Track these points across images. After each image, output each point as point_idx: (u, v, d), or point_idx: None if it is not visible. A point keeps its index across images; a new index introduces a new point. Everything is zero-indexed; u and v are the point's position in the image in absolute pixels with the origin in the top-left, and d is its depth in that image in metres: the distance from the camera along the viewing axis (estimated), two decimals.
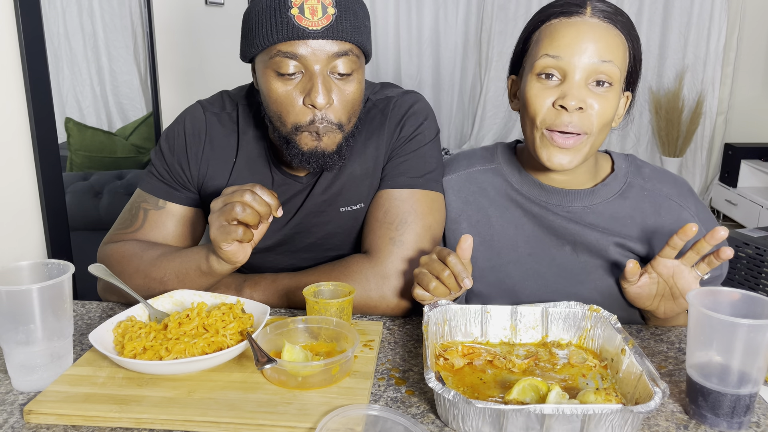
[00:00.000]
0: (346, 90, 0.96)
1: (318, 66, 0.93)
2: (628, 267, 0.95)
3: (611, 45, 0.95)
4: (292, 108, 0.96)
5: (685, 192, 1.09)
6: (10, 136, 1.40)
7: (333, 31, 0.92)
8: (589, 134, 0.97)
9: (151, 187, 1.12)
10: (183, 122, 1.11)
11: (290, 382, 0.80)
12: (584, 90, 0.95)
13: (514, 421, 0.69)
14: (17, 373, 0.81)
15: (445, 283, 0.91)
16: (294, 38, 0.91)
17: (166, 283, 1.02)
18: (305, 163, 0.99)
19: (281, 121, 0.98)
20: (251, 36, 0.96)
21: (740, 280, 2.57)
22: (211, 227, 0.92)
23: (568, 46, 0.95)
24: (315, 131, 0.96)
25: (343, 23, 0.93)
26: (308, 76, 0.94)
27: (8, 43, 1.38)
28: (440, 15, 4.83)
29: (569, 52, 0.95)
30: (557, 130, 0.96)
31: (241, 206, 0.88)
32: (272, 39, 0.93)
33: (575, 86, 0.95)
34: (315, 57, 0.93)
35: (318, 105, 0.93)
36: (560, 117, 0.95)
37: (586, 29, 0.95)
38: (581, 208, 1.07)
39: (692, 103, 4.45)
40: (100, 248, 1.12)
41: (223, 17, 2.87)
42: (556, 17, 0.98)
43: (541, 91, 0.97)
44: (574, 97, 0.94)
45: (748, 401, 0.74)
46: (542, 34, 0.99)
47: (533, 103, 0.98)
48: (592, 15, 0.96)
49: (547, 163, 0.99)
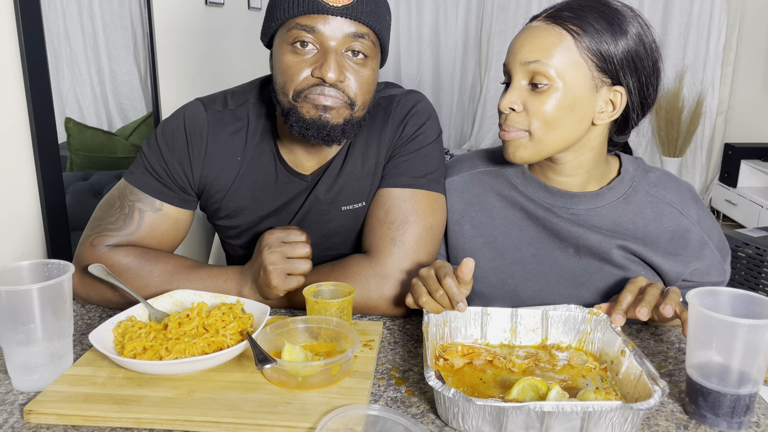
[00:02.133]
0: (361, 72, 0.98)
1: (333, 43, 0.95)
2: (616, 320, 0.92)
3: (541, 44, 0.96)
4: (297, 76, 0.96)
5: (687, 199, 1.08)
6: (10, 137, 1.40)
7: (352, 11, 0.94)
8: (527, 131, 0.99)
9: (146, 185, 1.07)
10: (182, 120, 1.08)
11: (290, 382, 0.80)
12: (520, 91, 0.98)
13: (514, 419, 0.69)
14: (17, 373, 0.81)
15: (437, 302, 0.91)
16: (313, 12, 0.93)
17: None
18: (305, 131, 0.98)
19: (284, 91, 0.98)
20: (273, 12, 0.98)
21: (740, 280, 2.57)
22: (271, 275, 0.97)
23: (512, 52, 1.00)
24: (317, 102, 0.96)
25: (363, 6, 0.95)
26: (322, 52, 0.95)
27: (8, 43, 1.38)
28: (440, 15, 4.83)
29: (510, 57, 1.00)
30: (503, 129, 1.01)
31: (305, 263, 0.98)
32: (292, 12, 0.94)
33: (514, 88, 0.98)
34: (332, 34, 0.94)
35: (328, 79, 0.94)
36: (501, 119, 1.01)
37: (525, 33, 0.99)
38: (585, 210, 1.07)
39: (692, 103, 4.45)
40: (89, 247, 1.05)
41: (223, 17, 2.87)
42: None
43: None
44: (504, 99, 0.99)
45: (748, 401, 0.74)
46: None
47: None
48: (544, 19, 0.99)
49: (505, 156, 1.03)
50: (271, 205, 1.13)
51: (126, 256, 1.04)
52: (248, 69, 3.12)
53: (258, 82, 1.13)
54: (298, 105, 0.98)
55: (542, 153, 1.00)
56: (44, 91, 1.47)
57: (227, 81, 2.79)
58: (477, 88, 4.96)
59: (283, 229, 1.01)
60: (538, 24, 0.98)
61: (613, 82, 0.97)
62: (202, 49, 2.66)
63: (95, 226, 1.07)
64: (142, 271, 1.03)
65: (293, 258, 0.98)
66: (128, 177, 1.09)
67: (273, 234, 1.00)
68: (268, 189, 1.11)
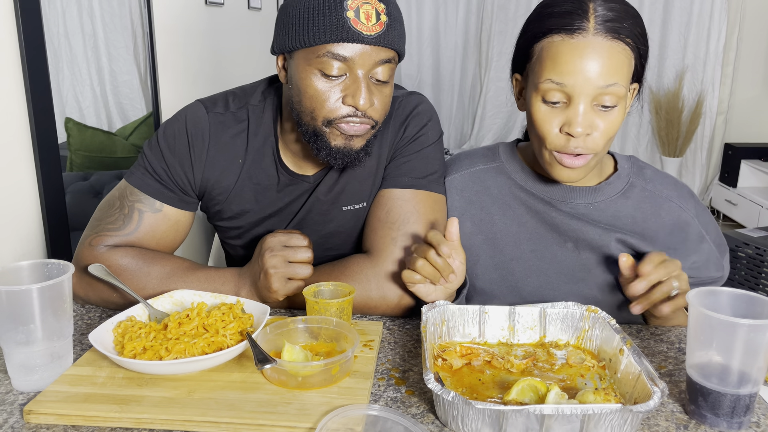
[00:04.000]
0: (384, 92, 0.98)
1: (363, 70, 0.94)
2: (621, 260, 0.96)
3: (616, 65, 0.92)
4: (327, 103, 0.96)
5: (685, 194, 1.09)
6: (10, 137, 1.40)
7: (384, 39, 0.93)
8: (597, 153, 0.97)
9: (146, 186, 1.07)
10: (184, 121, 1.08)
11: (290, 382, 0.80)
12: (590, 114, 0.93)
13: (514, 421, 0.69)
14: (17, 373, 0.81)
15: (430, 262, 0.93)
16: (348, 41, 0.92)
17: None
18: (332, 158, 1.00)
19: (312, 116, 0.97)
20: (295, 30, 0.94)
21: (740, 280, 2.57)
22: (271, 279, 0.97)
23: (571, 73, 0.92)
24: (348, 132, 0.97)
25: (392, 32, 0.94)
26: (352, 79, 0.95)
27: (8, 43, 1.38)
28: (440, 15, 4.84)
29: (573, 79, 0.92)
30: (565, 153, 0.97)
31: (306, 268, 0.98)
32: (324, 38, 0.92)
33: (580, 113, 0.93)
34: (363, 61, 0.93)
35: (361, 107, 0.94)
36: (567, 143, 0.95)
37: (589, 52, 0.91)
38: (584, 205, 1.07)
39: (692, 103, 4.45)
40: (88, 247, 1.05)
41: (223, 17, 2.87)
42: (557, 33, 0.94)
43: (547, 115, 0.96)
44: (579, 124, 0.93)
45: (748, 401, 0.74)
46: (543, 51, 0.95)
47: (540, 127, 0.97)
48: (595, 31, 0.92)
49: (556, 177, 1.01)
50: (273, 206, 1.13)
51: (124, 256, 1.04)
52: (248, 69, 3.12)
53: (259, 84, 1.13)
54: (327, 132, 0.98)
55: (595, 166, 1.01)
56: (44, 91, 1.47)
57: (227, 81, 2.79)
58: (477, 88, 4.96)
59: (285, 232, 1.01)
60: (603, 40, 0.92)
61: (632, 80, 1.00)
62: (202, 49, 2.66)
63: (94, 227, 1.07)
64: (139, 272, 1.03)
65: (294, 262, 0.98)
66: (129, 178, 1.09)
67: (275, 237, 1.00)
68: (270, 191, 1.11)
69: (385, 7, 0.93)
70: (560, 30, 0.94)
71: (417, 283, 0.96)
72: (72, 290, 0.86)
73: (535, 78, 0.97)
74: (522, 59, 1.03)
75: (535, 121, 0.98)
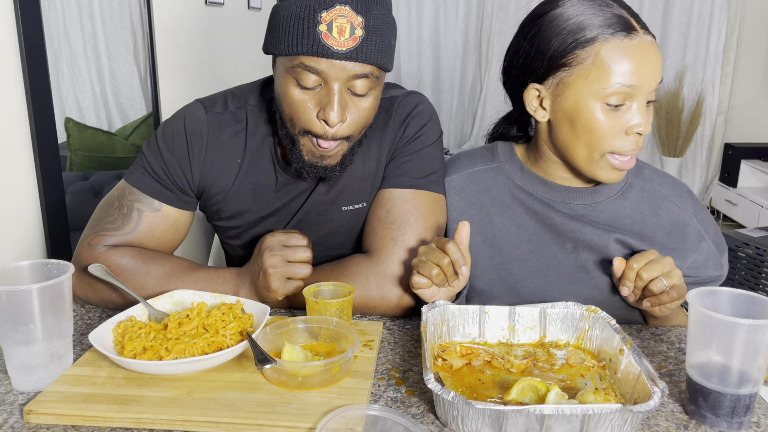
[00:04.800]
0: (361, 106, 0.97)
1: (337, 84, 0.93)
2: (615, 264, 0.98)
3: (661, 62, 0.95)
4: (304, 115, 0.96)
5: (683, 194, 1.09)
6: (10, 137, 1.40)
7: (357, 54, 0.92)
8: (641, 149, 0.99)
9: (145, 185, 1.07)
10: (183, 121, 1.08)
11: (290, 382, 0.80)
12: (645, 111, 0.96)
13: (514, 422, 0.69)
14: (17, 373, 0.81)
15: (444, 271, 0.92)
16: (317, 55, 0.91)
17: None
18: (304, 170, 1.01)
19: (291, 123, 0.98)
20: (276, 36, 0.94)
21: (740, 280, 2.57)
22: (271, 279, 0.97)
23: (642, 73, 0.93)
24: (318, 151, 0.98)
25: (368, 46, 0.92)
26: (326, 90, 0.94)
27: (8, 43, 1.38)
28: (440, 15, 4.83)
29: (642, 80, 0.93)
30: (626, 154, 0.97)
31: (305, 267, 0.99)
32: (296, 49, 0.92)
33: (643, 111, 0.95)
34: (335, 75, 0.93)
35: (331, 122, 0.94)
36: (632, 143, 0.96)
37: (650, 51, 0.94)
38: (583, 206, 1.07)
39: (692, 103, 4.45)
40: (87, 247, 1.05)
41: (223, 17, 2.87)
42: (612, 35, 0.93)
43: (613, 120, 0.95)
44: (645, 123, 0.95)
45: (748, 401, 0.74)
46: (603, 56, 0.93)
47: (605, 132, 0.96)
48: (644, 31, 0.95)
49: (605, 180, 1.01)
50: (271, 206, 1.13)
51: (123, 256, 1.04)
52: (248, 69, 3.12)
53: (258, 84, 1.13)
54: (302, 143, 0.99)
55: None
56: (44, 91, 1.47)
57: (227, 81, 2.79)
58: (477, 88, 4.96)
59: (285, 232, 1.01)
60: (649, 39, 0.95)
61: None
62: (202, 49, 2.66)
63: (94, 226, 1.07)
64: (138, 272, 1.03)
65: (294, 262, 0.98)
66: (128, 178, 1.09)
67: (274, 237, 1.00)
68: (268, 191, 1.11)
69: (362, 21, 0.91)
70: (615, 32, 0.94)
71: (425, 288, 0.95)
72: (72, 290, 0.86)
73: (593, 84, 0.94)
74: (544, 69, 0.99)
75: (596, 128, 0.96)
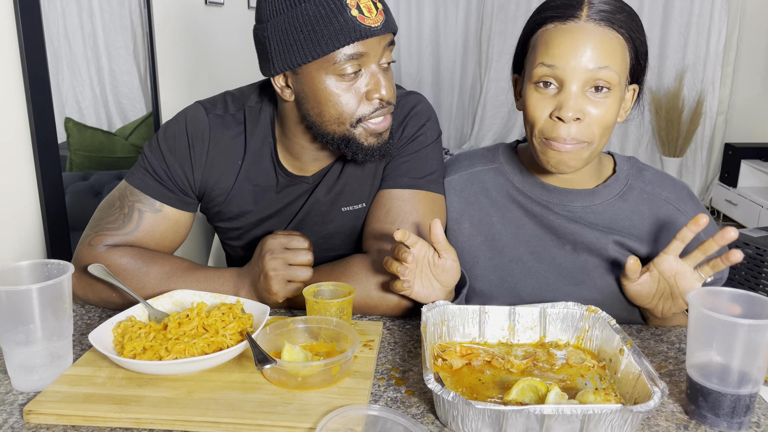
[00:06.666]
0: (391, 74, 1.01)
1: (375, 62, 0.95)
2: (629, 263, 0.96)
3: (608, 49, 0.93)
4: (352, 104, 0.96)
5: (684, 196, 1.09)
6: (10, 136, 1.40)
7: (387, 25, 0.95)
8: (590, 142, 0.96)
9: (147, 186, 1.07)
10: (184, 123, 1.08)
11: (290, 382, 0.80)
12: (582, 99, 0.94)
13: (514, 422, 0.69)
14: (17, 373, 0.81)
15: (394, 256, 0.94)
16: (361, 38, 0.91)
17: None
18: (369, 157, 1.01)
19: (339, 122, 0.97)
20: (300, 46, 0.92)
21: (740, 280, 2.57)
22: (271, 281, 0.98)
23: (562, 54, 0.93)
24: (377, 130, 0.98)
25: (388, 15, 0.96)
26: (369, 73, 0.96)
27: (8, 43, 1.38)
28: (440, 15, 4.84)
29: (564, 61, 0.93)
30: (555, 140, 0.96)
31: (306, 270, 0.99)
32: (338, 43, 0.91)
33: (572, 96, 0.93)
34: (375, 53, 0.95)
35: (386, 97, 0.96)
36: (557, 129, 0.95)
37: (581, 35, 0.93)
38: (581, 208, 1.07)
39: (692, 103, 4.45)
40: (87, 247, 1.05)
41: (223, 17, 2.87)
42: (551, 21, 0.96)
43: (539, 101, 0.96)
44: (570, 108, 0.93)
45: (748, 401, 0.74)
46: (538, 40, 0.97)
47: (531, 113, 0.97)
48: (587, 18, 0.94)
49: (547, 166, 1.00)
50: (272, 207, 1.13)
51: (123, 256, 1.04)
52: (248, 69, 3.11)
53: (256, 86, 1.13)
54: (357, 134, 0.98)
55: (591, 160, 1.00)
56: (44, 91, 1.47)
57: (227, 81, 2.79)
58: (477, 88, 4.96)
59: (286, 234, 1.01)
60: (594, 26, 0.93)
61: (631, 80, 1.00)
62: (202, 48, 2.66)
63: (94, 226, 1.07)
64: (138, 272, 1.03)
65: (295, 265, 0.98)
66: (129, 178, 1.09)
67: (275, 239, 1.00)
68: (269, 192, 1.11)
69: None
70: (554, 18, 0.96)
71: (403, 290, 0.96)
72: (72, 290, 0.86)
73: (529, 68, 0.98)
74: (520, 57, 1.04)
75: (527, 108, 0.98)
